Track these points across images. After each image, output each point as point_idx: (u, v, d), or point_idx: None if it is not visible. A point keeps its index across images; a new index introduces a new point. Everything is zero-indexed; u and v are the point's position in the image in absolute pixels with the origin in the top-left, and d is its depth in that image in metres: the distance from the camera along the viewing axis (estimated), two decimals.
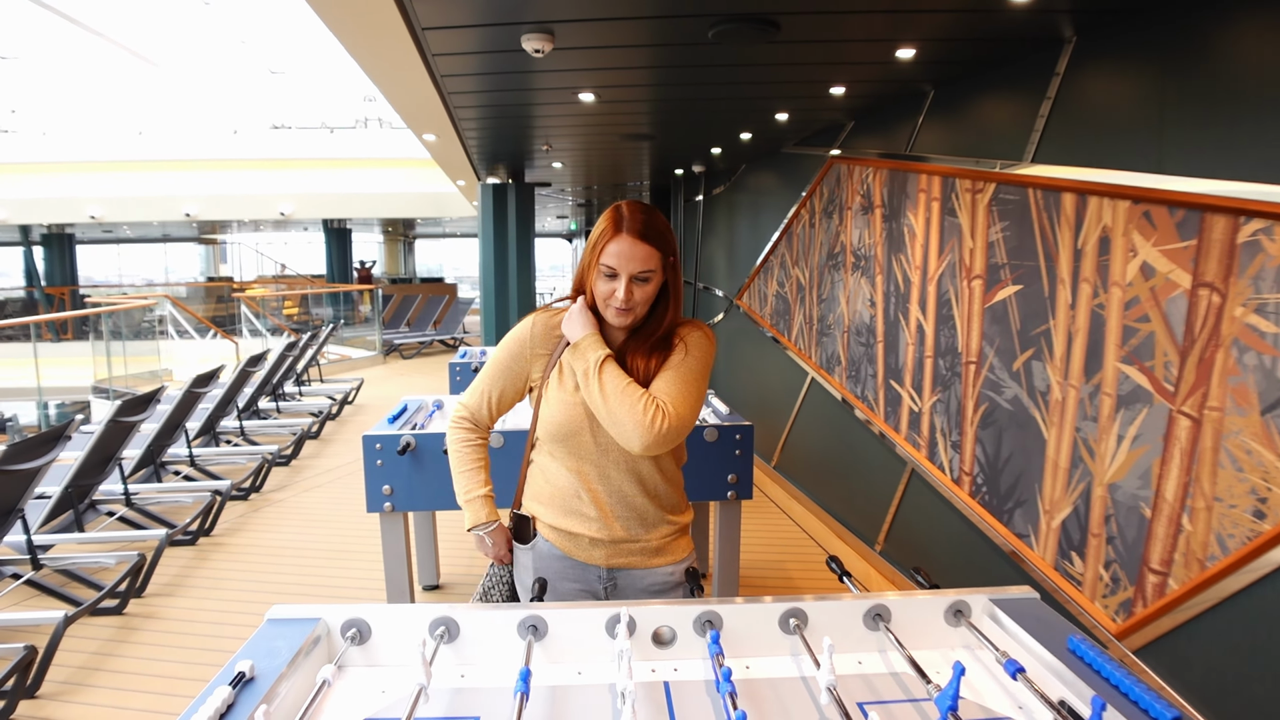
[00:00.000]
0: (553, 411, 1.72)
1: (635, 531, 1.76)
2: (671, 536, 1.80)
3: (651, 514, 1.77)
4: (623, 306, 1.65)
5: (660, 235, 1.66)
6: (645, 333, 1.73)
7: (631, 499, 1.74)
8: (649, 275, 1.65)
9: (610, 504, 1.74)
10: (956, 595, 1.55)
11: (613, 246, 1.63)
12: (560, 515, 1.76)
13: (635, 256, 1.62)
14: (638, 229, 1.62)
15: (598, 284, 1.67)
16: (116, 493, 4.41)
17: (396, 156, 15.44)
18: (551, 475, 1.78)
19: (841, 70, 3.17)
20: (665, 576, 1.79)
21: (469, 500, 1.80)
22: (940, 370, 3.39)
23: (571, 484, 1.75)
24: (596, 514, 1.74)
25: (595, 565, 1.77)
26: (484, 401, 1.82)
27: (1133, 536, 2.37)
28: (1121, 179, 2.37)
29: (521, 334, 1.80)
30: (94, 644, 3.38)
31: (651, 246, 1.63)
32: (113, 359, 9.63)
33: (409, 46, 2.70)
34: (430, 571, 3.92)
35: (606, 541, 1.75)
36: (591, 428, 1.71)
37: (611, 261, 1.63)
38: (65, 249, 19.68)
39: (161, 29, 15.95)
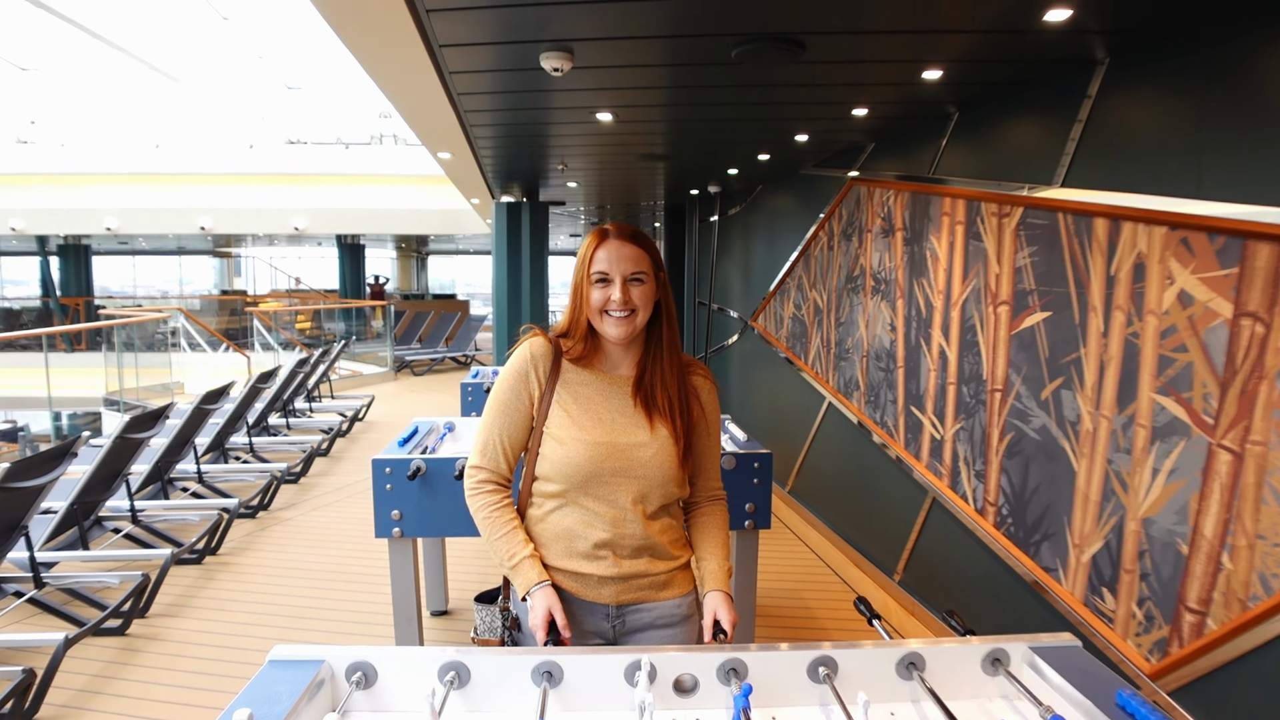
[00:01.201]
0: (568, 452, 1.65)
1: (645, 566, 1.70)
2: (678, 569, 1.75)
3: (660, 548, 1.71)
4: (620, 311, 1.63)
5: (648, 243, 1.67)
6: (656, 356, 1.71)
7: (642, 535, 1.68)
8: (642, 276, 1.65)
9: (622, 541, 1.67)
10: (994, 643, 1.47)
11: (602, 252, 1.64)
12: (565, 556, 1.69)
13: (625, 257, 1.63)
14: (625, 234, 1.66)
15: (592, 295, 1.65)
16: (123, 509, 4.36)
17: (411, 173, 15.48)
18: (555, 518, 1.70)
19: (865, 91, 3.12)
20: (673, 609, 1.74)
21: (515, 566, 1.65)
22: (964, 397, 3.31)
23: (581, 523, 1.67)
24: (608, 552, 1.67)
25: (604, 604, 1.70)
26: (498, 454, 1.72)
27: (1168, 574, 2.27)
28: (1158, 204, 2.29)
29: (520, 366, 1.72)
30: (95, 665, 3.32)
31: (640, 249, 1.65)
32: (124, 371, 9.65)
33: (425, 64, 2.66)
34: (439, 596, 3.84)
35: (616, 579, 1.68)
36: (612, 468, 1.65)
37: (603, 266, 1.63)
38: (81, 260, 19.82)
39: (180, 43, 16.09)
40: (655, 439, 1.67)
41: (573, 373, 1.72)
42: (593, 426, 1.66)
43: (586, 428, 1.66)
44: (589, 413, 1.68)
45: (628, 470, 1.66)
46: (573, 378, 1.72)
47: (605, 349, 1.73)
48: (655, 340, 1.71)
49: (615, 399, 1.70)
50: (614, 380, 1.73)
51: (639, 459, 1.66)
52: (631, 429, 1.67)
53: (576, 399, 1.70)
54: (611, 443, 1.65)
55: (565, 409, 1.69)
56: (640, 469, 1.66)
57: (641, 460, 1.66)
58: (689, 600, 1.76)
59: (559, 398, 1.70)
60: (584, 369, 1.73)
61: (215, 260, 25.59)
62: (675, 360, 1.71)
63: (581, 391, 1.71)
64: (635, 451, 1.66)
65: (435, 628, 3.71)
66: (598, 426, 1.67)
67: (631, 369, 1.74)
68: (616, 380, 1.73)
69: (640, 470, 1.66)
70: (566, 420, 1.68)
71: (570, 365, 1.73)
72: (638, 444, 1.66)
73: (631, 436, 1.67)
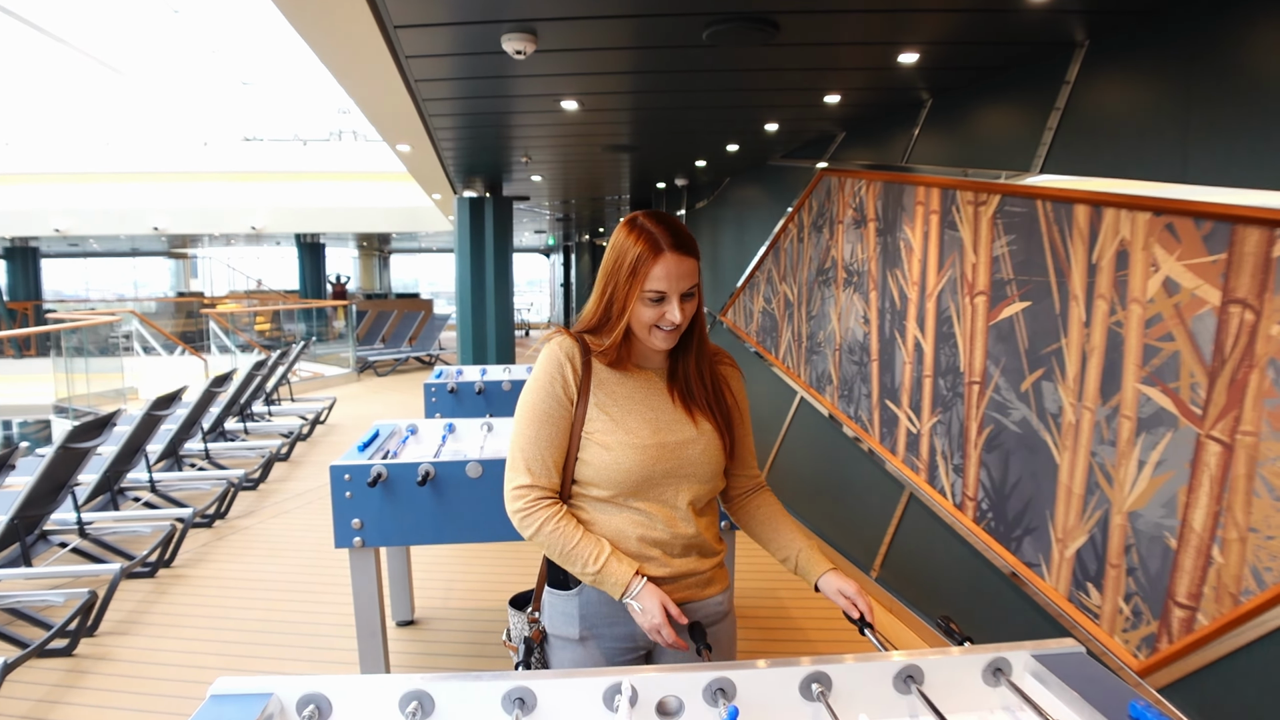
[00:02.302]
0: (617, 458, 1.55)
1: (693, 564, 1.63)
2: (719, 565, 1.70)
3: (706, 545, 1.64)
4: (674, 330, 1.54)
5: (695, 243, 1.56)
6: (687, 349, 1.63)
7: (692, 534, 1.61)
8: (694, 289, 1.55)
9: (672, 540, 1.59)
10: (995, 652, 1.38)
11: (658, 270, 1.49)
12: None
13: (684, 274, 1.51)
14: (679, 244, 1.51)
15: (642, 312, 1.52)
16: (70, 522, 4.16)
17: (371, 170, 15.20)
18: (603, 520, 1.60)
19: (838, 77, 3.04)
20: (716, 606, 1.68)
21: (601, 569, 1.53)
22: (941, 390, 3.24)
23: (633, 524, 1.58)
24: (659, 552, 1.59)
25: None
26: (549, 468, 1.57)
27: (1156, 568, 2.22)
28: (1141, 189, 2.24)
29: (553, 370, 1.58)
30: (40, 690, 3.13)
31: (694, 259, 1.54)
32: (75, 377, 9.30)
33: (380, 47, 2.52)
34: (404, 605, 3.70)
35: (668, 578, 1.60)
36: (664, 469, 1.57)
37: (660, 285, 1.50)
38: (29, 263, 19.21)
39: (129, 37, 15.63)
40: (701, 434, 1.60)
41: (605, 372, 1.62)
42: (639, 428, 1.57)
43: (633, 430, 1.57)
44: (632, 414, 1.59)
45: (679, 470, 1.58)
46: (606, 376, 1.62)
47: (634, 344, 1.64)
48: (688, 334, 1.62)
49: (653, 397, 1.62)
50: (648, 377, 1.64)
51: (688, 457, 1.59)
52: (677, 427, 1.59)
53: (615, 400, 1.60)
54: (660, 443, 1.57)
55: (606, 411, 1.59)
56: (691, 467, 1.59)
57: (691, 458, 1.59)
58: (728, 596, 1.71)
59: (596, 400, 1.59)
60: (614, 368, 1.63)
61: (171, 262, 24.99)
62: (704, 350, 1.64)
63: (618, 391, 1.61)
64: (684, 450, 1.59)
65: (402, 638, 3.57)
66: (644, 428, 1.58)
67: (663, 363, 1.65)
68: (650, 376, 1.64)
69: (691, 468, 1.59)
70: (610, 424, 1.57)
71: (602, 365, 1.63)
72: (685, 441, 1.59)
73: (678, 434, 1.59)
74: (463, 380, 4.98)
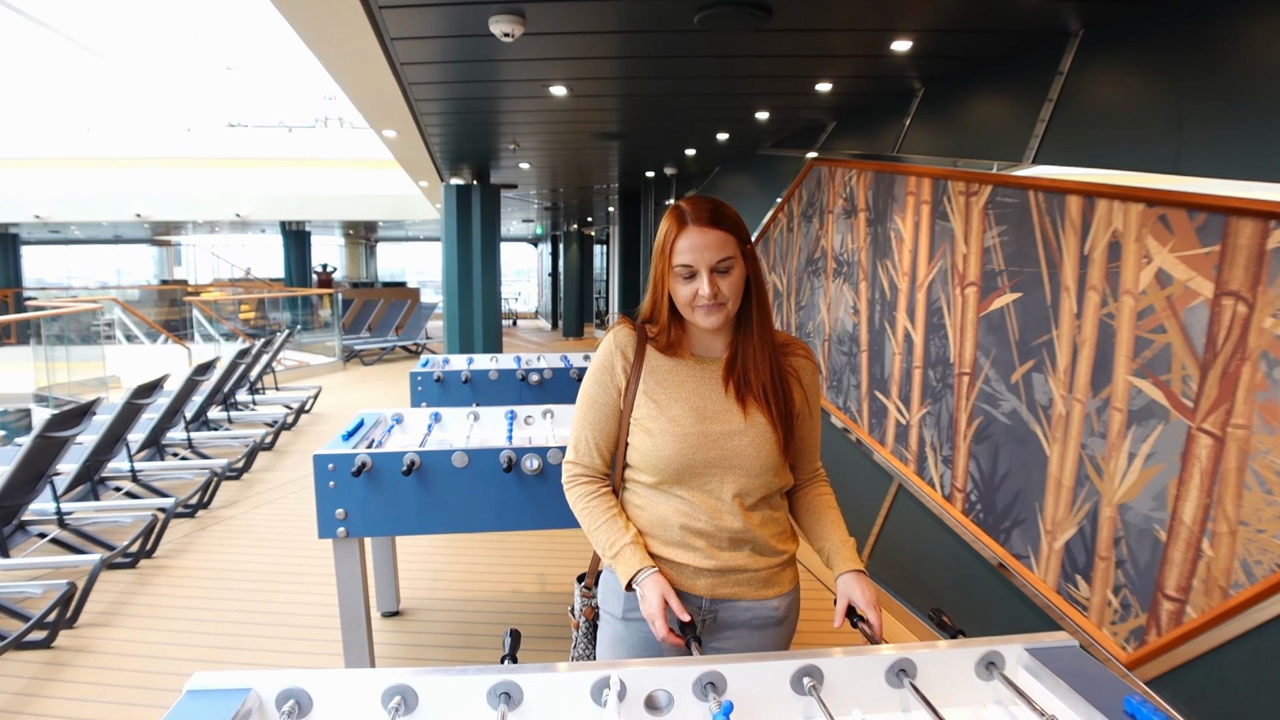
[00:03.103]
0: (658, 445, 1.54)
1: (745, 560, 1.59)
2: (782, 565, 1.64)
3: (761, 542, 1.59)
4: (710, 303, 1.50)
5: (732, 220, 1.52)
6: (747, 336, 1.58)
7: (740, 529, 1.57)
8: (729, 263, 1.50)
9: (719, 532, 1.56)
10: (988, 645, 1.37)
11: (683, 242, 1.49)
12: (661, 544, 1.59)
13: (709, 245, 1.48)
14: (705, 217, 1.50)
15: (678, 289, 1.52)
16: (49, 512, 4.10)
17: (358, 157, 15.07)
18: (651, 504, 1.60)
19: (830, 64, 3.00)
20: (770, 610, 1.62)
21: (617, 554, 1.56)
22: (930, 381, 3.23)
23: (676, 513, 1.57)
24: (704, 543, 1.56)
25: (698, 595, 1.59)
26: (591, 450, 1.64)
27: (1146, 561, 2.21)
28: (1134, 180, 2.22)
29: (605, 358, 1.63)
30: (19, 682, 3.08)
31: (724, 232, 1.50)
32: (56, 365, 9.18)
33: (365, 27, 2.47)
34: (390, 596, 3.66)
35: (714, 570, 1.57)
36: (706, 459, 1.54)
37: (686, 259, 1.49)
38: (9, 249, 18.94)
39: (110, 20, 15.40)
40: (751, 426, 1.56)
41: (659, 360, 1.61)
42: (682, 416, 1.55)
43: (676, 418, 1.55)
44: (679, 401, 1.57)
45: (723, 460, 1.55)
46: (659, 364, 1.61)
47: (693, 333, 1.62)
48: (746, 319, 1.58)
49: (706, 385, 1.59)
50: (705, 365, 1.61)
51: (734, 448, 1.55)
52: (725, 416, 1.56)
53: (665, 387, 1.59)
54: (703, 432, 1.54)
55: (653, 398, 1.58)
56: (737, 458, 1.55)
57: (738, 449, 1.55)
58: (789, 601, 1.65)
59: (645, 387, 1.59)
60: (671, 356, 1.62)
61: (154, 249, 24.72)
62: (768, 339, 1.58)
63: (669, 379, 1.59)
64: (730, 440, 1.55)
65: (387, 629, 3.54)
66: (688, 416, 1.55)
67: (724, 351, 1.62)
68: (707, 365, 1.61)
69: (737, 460, 1.55)
70: (655, 410, 1.57)
71: (656, 353, 1.62)
72: (732, 432, 1.55)
73: (725, 424, 1.55)
74: (449, 369, 4.94)
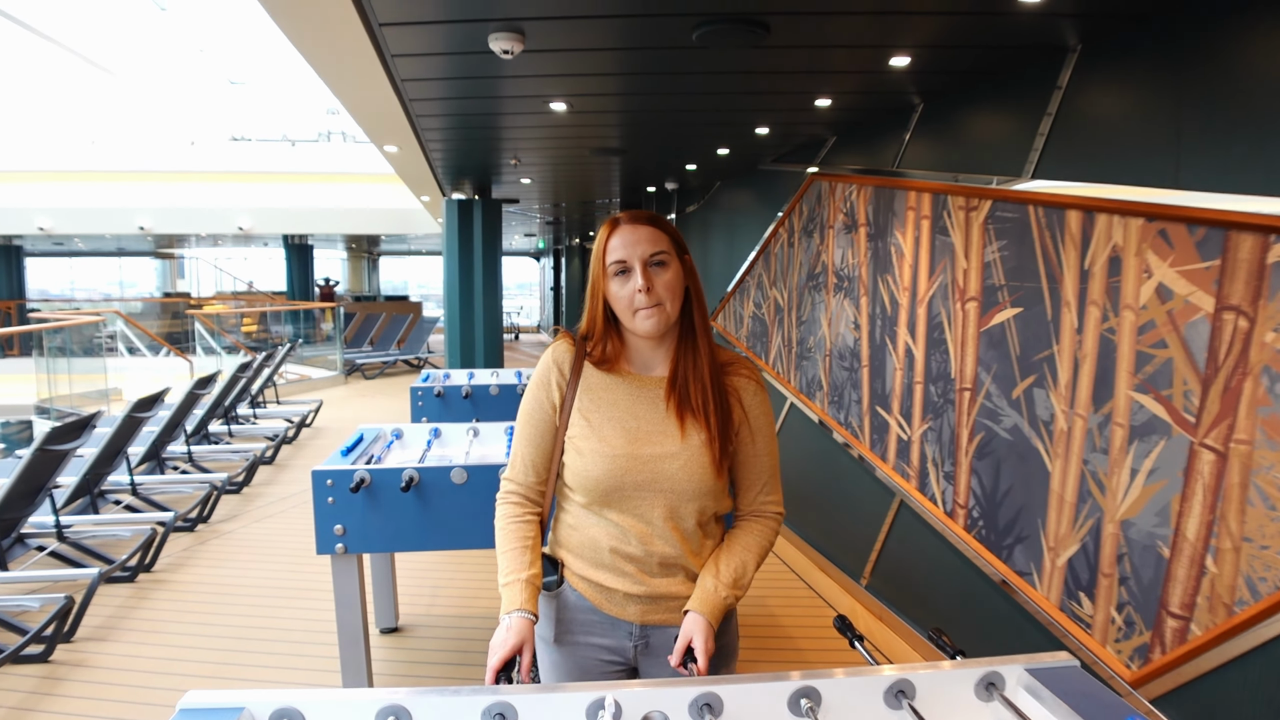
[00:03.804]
0: (587, 465, 1.52)
1: (676, 587, 1.55)
2: None
3: (693, 569, 1.56)
4: (647, 302, 1.47)
5: (664, 223, 1.53)
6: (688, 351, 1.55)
7: (672, 554, 1.54)
8: (663, 257, 1.50)
9: (649, 557, 1.53)
10: (988, 666, 1.35)
11: (615, 240, 1.50)
12: (592, 567, 1.56)
13: (641, 240, 1.49)
14: (639, 218, 1.53)
15: (615, 292, 1.51)
16: (48, 525, 4.08)
17: (360, 171, 15.12)
18: (583, 525, 1.57)
19: (829, 80, 3.01)
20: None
21: (506, 584, 1.51)
22: (931, 397, 3.22)
23: (607, 536, 1.54)
24: (634, 569, 1.54)
25: (628, 621, 1.57)
26: (526, 467, 1.60)
27: (1149, 578, 2.20)
28: (1133, 195, 2.22)
29: (542, 373, 1.60)
30: (15, 697, 3.07)
31: (657, 229, 1.51)
32: (58, 377, 9.19)
33: (366, 45, 2.48)
34: (388, 613, 3.64)
35: (644, 597, 1.55)
36: (636, 481, 1.51)
37: (619, 254, 1.49)
38: (12, 261, 19.02)
39: (116, 35, 15.50)
40: (685, 447, 1.51)
41: (596, 376, 1.58)
42: (614, 436, 1.52)
43: (607, 438, 1.52)
44: (611, 421, 1.54)
45: (654, 484, 1.51)
46: (596, 381, 1.58)
47: (633, 348, 1.59)
48: (687, 335, 1.56)
49: (643, 404, 1.55)
50: (644, 383, 1.57)
51: (666, 471, 1.50)
52: (659, 438, 1.52)
53: (599, 405, 1.55)
54: (633, 454, 1.51)
55: (587, 416, 1.55)
56: (668, 481, 1.51)
57: (669, 473, 1.50)
58: (723, 628, 1.60)
59: (580, 404, 1.56)
60: (609, 373, 1.58)
61: (157, 262, 24.79)
62: (707, 352, 1.55)
63: (605, 397, 1.56)
64: (661, 464, 1.51)
65: (385, 646, 3.52)
66: (620, 436, 1.52)
67: (665, 368, 1.58)
68: (647, 383, 1.57)
69: (668, 483, 1.51)
70: (587, 429, 1.54)
71: (594, 369, 1.58)
72: (664, 454, 1.51)
73: (658, 446, 1.51)
74: (449, 384, 4.94)
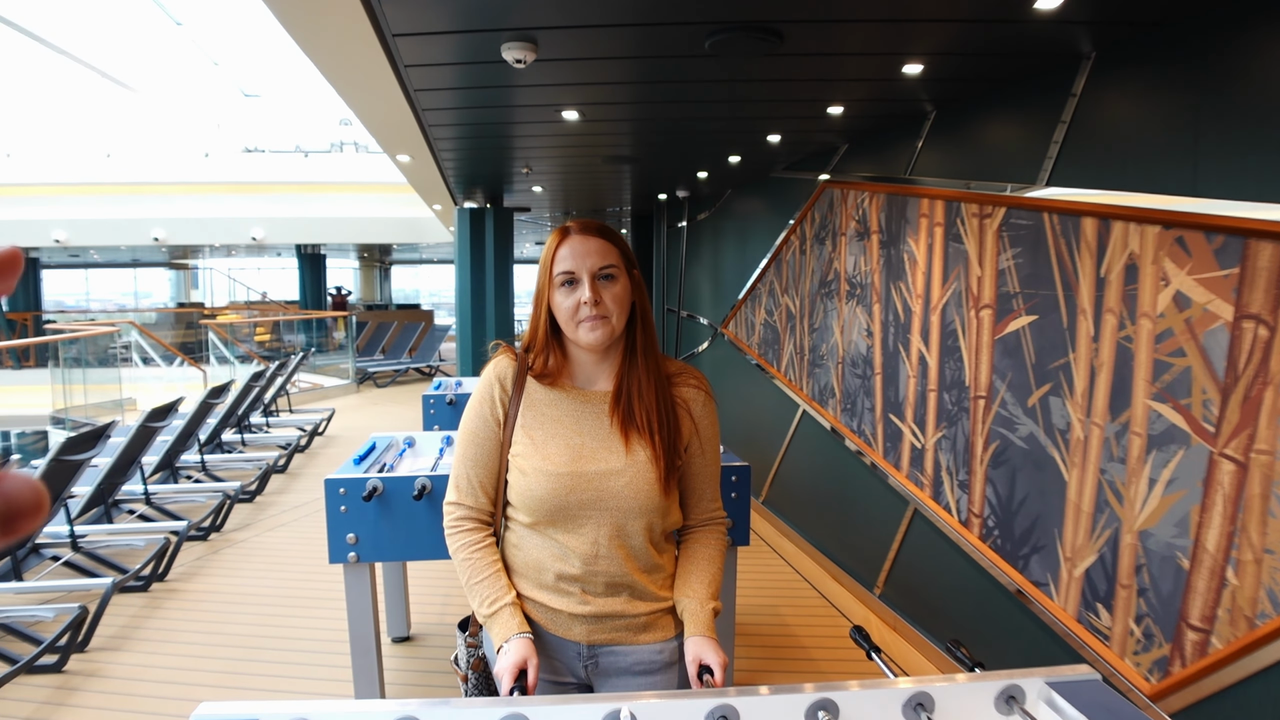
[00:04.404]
0: (530, 485, 1.48)
1: (621, 606, 1.52)
2: (661, 611, 1.57)
3: (640, 587, 1.53)
4: (592, 314, 1.44)
5: (616, 237, 1.50)
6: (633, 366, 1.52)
7: (618, 573, 1.50)
8: (612, 271, 1.46)
9: (593, 577, 1.50)
10: (1008, 679, 1.33)
11: (564, 250, 1.47)
12: (536, 587, 1.53)
13: (592, 251, 1.46)
14: (590, 228, 1.49)
15: (560, 302, 1.47)
16: (63, 535, 4.10)
17: (372, 181, 15.20)
18: (526, 545, 1.54)
19: (841, 88, 3.00)
20: (653, 655, 1.56)
21: (494, 613, 1.48)
22: (945, 405, 3.20)
23: (551, 556, 1.50)
24: (577, 588, 1.50)
25: (575, 641, 1.53)
26: (474, 488, 1.55)
27: (1168, 589, 2.17)
28: (1150, 202, 2.20)
29: (484, 390, 1.56)
30: (28, 707, 3.08)
31: (608, 242, 1.48)
32: (73, 388, 9.27)
33: (379, 56, 2.49)
34: (400, 622, 3.64)
35: (589, 616, 1.51)
36: (580, 500, 1.47)
37: (567, 265, 1.45)
38: (29, 273, 19.18)
39: (131, 49, 15.66)
40: (631, 464, 1.48)
41: (539, 392, 1.54)
42: (557, 454, 1.48)
43: (550, 456, 1.48)
44: (555, 438, 1.50)
45: (598, 502, 1.48)
46: (539, 397, 1.54)
47: (577, 362, 1.55)
48: (632, 349, 1.52)
49: (587, 420, 1.52)
50: (588, 398, 1.54)
51: (610, 489, 1.47)
52: (603, 454, 1.49)
53: (542, 422, 1.52)
54: (577, 473, 1.47)
55: (529, 435, 1.51)
56: (613, 500, 1.47)
57: (614, 490, 1.47)
58: (672, 646, 1.58)
59: (523, 421, 1.52)
60: (552, 387, 1.55)
61: (171, 272, 24.98)
62: (653, 369, 1.52)
63: (548, 413, 1.53)
64: (605, 481, 1.47)
65: (396, 655, 3.51)
66: (563, 454, 1.49)
67: (609, 383, 1.55)
68: (591, 398, 1.54)
69: (613, 501, 1.47)
70: (530, 447, 1.50)
71: (537, 384, 1.55)
72: (609, 472, 1.48)
73: (602, 464, 1.48)
74: (461, 392, 4.94)
